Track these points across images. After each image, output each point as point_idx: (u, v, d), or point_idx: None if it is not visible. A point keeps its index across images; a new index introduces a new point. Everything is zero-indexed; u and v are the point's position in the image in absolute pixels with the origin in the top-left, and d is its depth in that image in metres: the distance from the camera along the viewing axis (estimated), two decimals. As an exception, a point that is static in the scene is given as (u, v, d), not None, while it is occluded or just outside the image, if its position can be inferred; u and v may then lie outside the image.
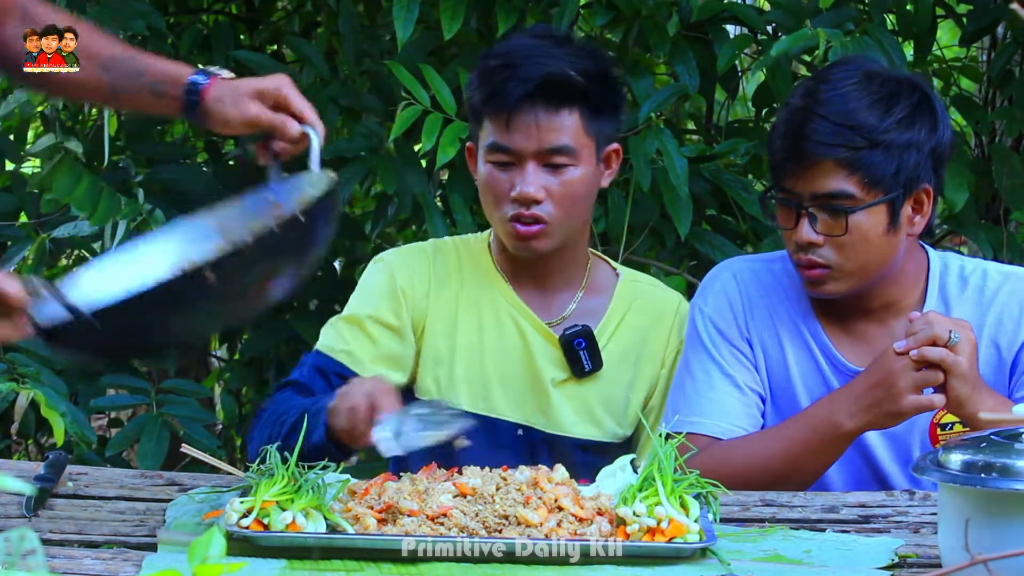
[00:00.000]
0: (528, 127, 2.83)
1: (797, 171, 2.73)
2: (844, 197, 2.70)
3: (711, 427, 2.81)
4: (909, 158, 2.71)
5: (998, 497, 2.03)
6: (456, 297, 2.97)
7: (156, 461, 3.84)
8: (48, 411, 3.32)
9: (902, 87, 2.75)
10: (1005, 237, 4.08)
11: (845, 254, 2.73)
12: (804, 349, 2.85)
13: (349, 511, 2.27)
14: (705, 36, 3.98)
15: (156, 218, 3.83)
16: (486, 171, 2.88)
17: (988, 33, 4.36)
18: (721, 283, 2.91)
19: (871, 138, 2.69)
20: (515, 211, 2.85)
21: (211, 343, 5.32)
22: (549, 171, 2.85)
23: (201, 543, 1.45)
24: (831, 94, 2.72)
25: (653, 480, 2.25)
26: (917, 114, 2.73)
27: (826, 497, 2.58)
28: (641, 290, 3.05)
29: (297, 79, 4.06)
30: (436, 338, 2.96)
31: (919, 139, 2.72)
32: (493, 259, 3.01)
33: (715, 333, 2.87)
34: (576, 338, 2.93)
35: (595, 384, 2.96)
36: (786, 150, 2.74)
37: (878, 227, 2.72)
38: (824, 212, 2.72)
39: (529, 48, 2.86)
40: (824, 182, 2.70)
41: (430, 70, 3.73)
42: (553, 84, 2.82)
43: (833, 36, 3.59)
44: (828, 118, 2.69)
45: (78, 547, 2.24)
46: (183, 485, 2.58)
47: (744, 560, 2.22)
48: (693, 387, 2.85)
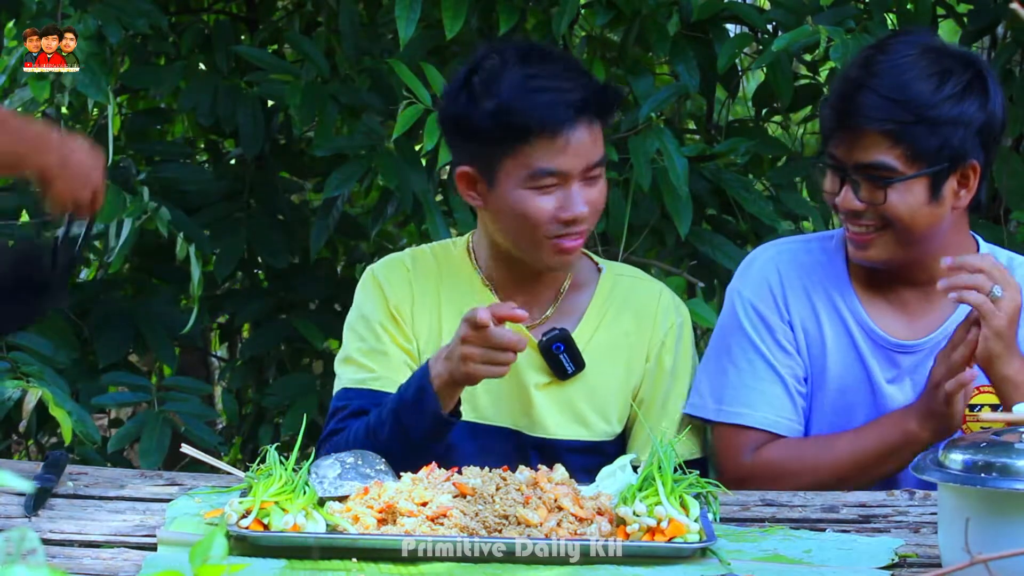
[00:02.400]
0: (581, 146, 2.79)
1: (843, 139, 2.77)
2: (884, 169, 2.74)
3: (760, 419, 2.84)
4: (955, 133, 2.74)
5: (998, 497, 2.03)
6: (438, 305, 2.93)
7: (157, 459, 3.85)
8: (56, 409, 3.33)
9: (957, 63, 2.78)
10: (1005, 237, 4.08)
11: (888, 222, 2.76)
12: (840, 324, 2.87)
13: (349, 511, 2.27)
14: (705, 35, 3.97)
15: (161, 215, 3.83)
16: (523, 197, 2.81)
17: (988, 33, 4.36)
18: (759, 266, 2.94)
19: (918, 113, 2.72)
20: (561, 231, 2.81)
21: (211, 343, 5.33)
22: (587, 184, 2.82)
23: (203, 544, 1.45)
24: (886, 65, 2.76)
25: (653, 480, 2.25)
26: (968, 91, 2.76)
27: (826, 497, 2.58)
28: (623, 283, 3.01)
29: (298, 77, 4.08)
30: (423, 347, 2.92)
31: (968, 115, 2.75)
32: (475, 265, 2.97)
33: (756, 319, 2.89)
34: (554, 343, 2.90)
35: (579, 384, 2.93)
36: (835, 118, 2.79)
37: (919, 198, 2.75)
38: (867, 181, 2.75)
39: (541, 68, 2.81)
40: (867, 152, 2.74)
41: (432, 69, 3.73)
42: (599, 102, 2.81)
43: (834, 33, 3.59)
44: (878, 91, 2.74)
45: (78, 547, 2.24)
46: (183, 485, 2.58)
47: (744, 560, 2.23)
48: (738, 376, 2.87)
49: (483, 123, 2.79)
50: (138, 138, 4.65)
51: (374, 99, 4.09)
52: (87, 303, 4.39)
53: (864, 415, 2.84)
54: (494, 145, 2.81)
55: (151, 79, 4.41)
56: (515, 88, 2.78)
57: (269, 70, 4.19)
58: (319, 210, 4.28)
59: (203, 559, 1.45)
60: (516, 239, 2.86)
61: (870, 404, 2.84)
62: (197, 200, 4.39)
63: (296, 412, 4.17)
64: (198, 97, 4.26)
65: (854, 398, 2.85)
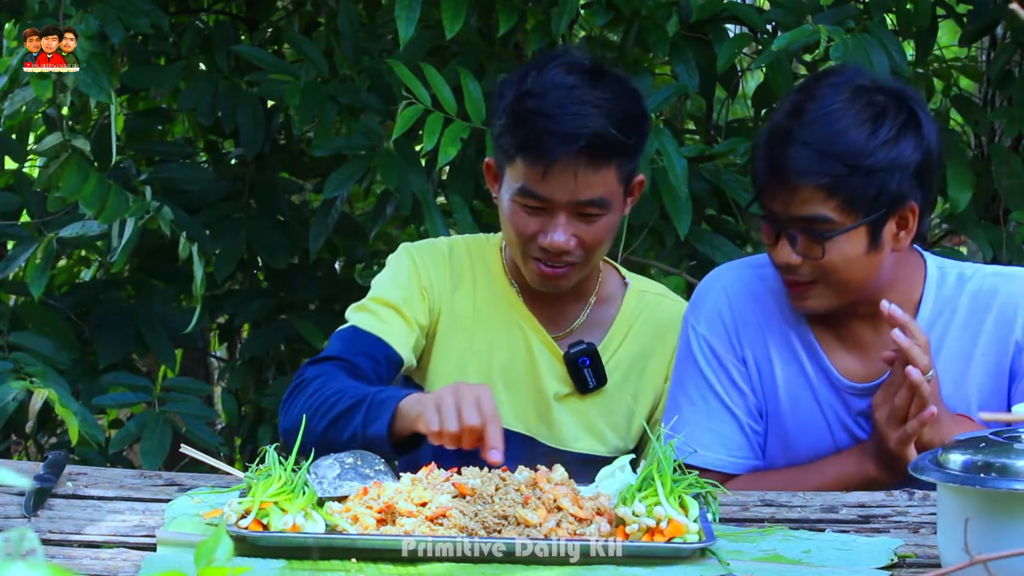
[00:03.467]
0: (566, 180, 2.75)
1: (777, 193, 2.69)
2: (822, 221, 2.66)
3: (713, 460, 2.80)
4: (892, 179, 2.66)
5: (998, 497, 2.03)
6: (472, 299, 2.94)
7: (159, 459, 3.85)
8: (62, 410, 3.33)
9: (890, 101, 2.69)
10: (1005, 237, 4.08)
11: (825, 274, 2.70)
12: (793, 362, 2.82)
13: (348, 511, 2.27)
14: (705, 36, 3.98)
15: (164, 215, 3.83)
16: (512, 209, 2.81)
17: (988, 33, 4.36)
18: (713, 299, 2.87)
19: (853, 164, 2.64)
20: (541, 255, 2.81)
21: (211, 343, 5.33)
22: (580, 219, 2.79)
23: (208, 544, 1.45)
24: (817, 114, 2.67)
25: (652, 480, 2.25)
26: (903, 133, 2.68)
27: (825, 497, 2.58)
28: (648, 300, 3.01)
29: (298, 77, 4.08)
30: (452, 337, 2.92)
31: (904, 159, 2.67)
32: (505, 266, 2.98)
33: (710, 355, 2.84)
34: (581, 356, 2.91)
35: (598, 399, 2.94)
36: (767, 172, 2.70)
37: (857, 248, 2.69)
38: (804, 234, 2.69)
39: (565, 95, 2.75)
40: (803, 207, 2.67)
41: (432, 69, 3.73)
42: (596, 144, 2.74)
43: (834, 33, 3.59)
44: (811, 144, 2.65)
45: (78, 547, 2.24)
46: (183, 485, 2.58)
47: (744, 560, 2.22)
48: (693, 414, 2.83)
49: (500, 121, 2.82)
50: (139, 138, 4.65)
51: (373, 99, 4.09)
52: (87, 303, 4.40)
53: (821, 452, 2.80)
54: (502, 147, 2.83)
55: (151, 79, 4.41)
56: (529, 101, 2.77)
57: (269, 70, 4.19)
58: (318, 210, 4.28)
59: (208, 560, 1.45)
60: (511, 247, 2.89)
61: (826, 440, 2.81)
62: (197, 200, 4.39)
63: (296, 412, 4.17)
64: (198, 97, 4.27)
65: (810, 436, 2.81)
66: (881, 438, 2.68)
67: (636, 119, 2.81)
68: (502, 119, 2.81)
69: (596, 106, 2.75)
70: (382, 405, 2.58)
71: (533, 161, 2.75)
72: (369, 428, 2.57)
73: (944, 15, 4.30)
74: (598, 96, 2.76)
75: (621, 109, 2.78)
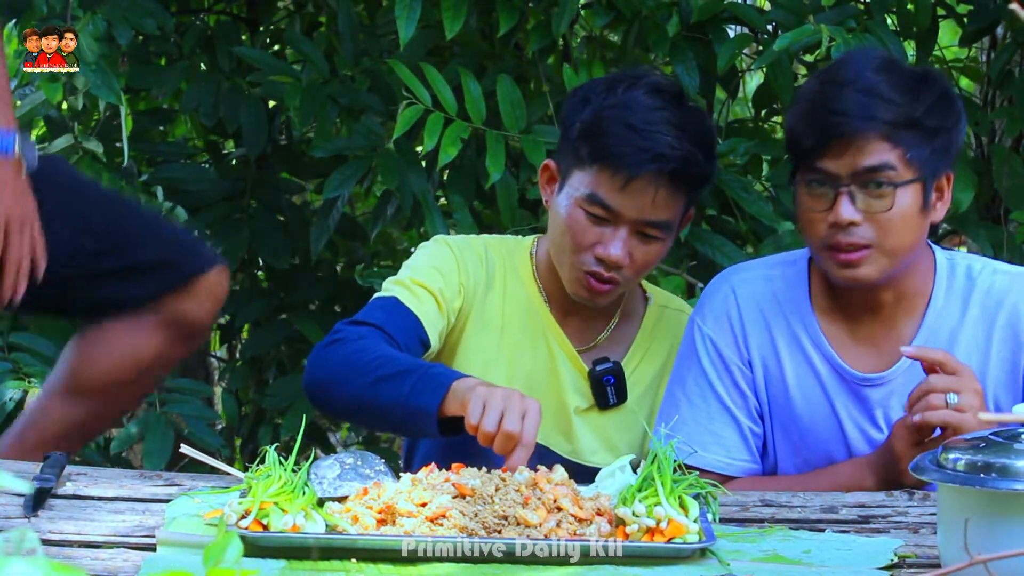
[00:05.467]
0: (644, 197, 2.76)
1: (834, 149, 2.64)
2: (888, 169, 2.64)
3: (712, 462, 2.80)
4: (939, 142, 2.67)
5: (998, 497, 2.03)
6: (502, 302, 2.94)
7: (161, 460, 3.85)
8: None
9: (927, 76, 2.71)
10: (1005, 237, 4.08)
11: (884, 232, 2.65)
12: (803, 361, 2.81)
13: (348, 511, 2.27)
14: (705, 36, 3.98)
15: (178, 215, 3.83)
16: (574, 215, 2.81)
17: (988, 33, 4.36)
18: (721, 299, 2.85)
19: (908, 116, 2.63)
20: (594, 267, 2.80)
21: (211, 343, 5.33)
22: (639, 238, 2.80)
23: (218, 545, 1.45)
24: (856, 74, 2.66)
25: (652, 480, 2.25)
26: (945, 102, 2.69)
27: (825, 497, 2.58)
28: (667, 316, 3.02)
29: (298, 78, 4.08)
30: (480, 338, 2.92)
31: (947, 126, 2.68)
32: (535, 272, 2.98)
33: (715, 356, 2.83)
34: (606, 375, 2.91)
35: (617, 415, 2.95)
36: (818, 130, 2.65)
37: (914, 205, 2.66)
38: (864, 189, 2.64)
39: (657, 115, 2.76)
40: (867, 156, 2.63)
41: (432, 70, 3.73)
42: (681, 168, 2.75)
43: (836, 32, 3.59)
44: (868, 91, 2.63)
45: (78, 547, 2.24)
46: (183, 485, 2.58)
47: (744, 560, 2.22)
48: (692, 414, 2.82)
49: (580, 125, 2.80)
50: (140, 138, 4.65)
51: (374, 100, 4.09)
52: (88, 304, 4.39)
53: (833, 450, 2.80)
54: (576, 150, 2.81)
55: (153, 80, 4.41)
56: (619, 112, 2.77)
57: (269, 71, 4.19)
58: (320, 211, 4.28)
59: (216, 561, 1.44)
60: (558, 252, 2.87)
61: (839, 440, 2.80)
62: (198, 200, 4.39)
63: (296, 413, 4.18)
64: (200, 98, 4.27)
65: (822, 434, 2.81)
66: (891, 460, 2.66)
67: (714, 153, 2.86)
68: (584, 124, 2.80)
69: (683, 130, 2.77)
70: (435, 379, 2.57)
71: (614, 172, 2.75)
72: (417, 399, 2.56)
73: (944, 15, 4.30)
74: (685, 121, 2.78)
75: (707, 139, 2.81)
